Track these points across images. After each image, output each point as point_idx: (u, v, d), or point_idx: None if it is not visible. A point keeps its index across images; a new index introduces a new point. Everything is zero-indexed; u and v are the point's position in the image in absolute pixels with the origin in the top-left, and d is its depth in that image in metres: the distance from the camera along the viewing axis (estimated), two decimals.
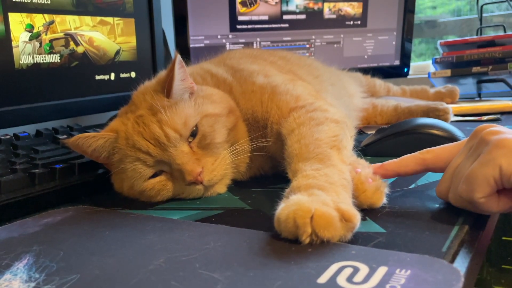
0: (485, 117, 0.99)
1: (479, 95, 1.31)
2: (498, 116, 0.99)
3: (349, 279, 0.32)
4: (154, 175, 0.56)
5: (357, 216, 0.39)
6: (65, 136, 0.70)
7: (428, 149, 0.49)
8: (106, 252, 0.40)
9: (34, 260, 0.40)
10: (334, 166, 0.47)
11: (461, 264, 0.35)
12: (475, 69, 1.22)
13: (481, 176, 0.39)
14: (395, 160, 0.50)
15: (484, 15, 1.46)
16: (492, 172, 0.39)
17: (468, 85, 1.28)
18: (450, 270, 0.33)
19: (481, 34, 1.42)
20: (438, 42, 1.36)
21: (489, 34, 1.42)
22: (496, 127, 0.43)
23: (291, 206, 0.39)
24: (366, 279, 0.32)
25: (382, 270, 0.33)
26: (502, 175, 0.39)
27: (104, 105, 0.85)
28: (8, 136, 0.66)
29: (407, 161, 0.49)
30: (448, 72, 1.26)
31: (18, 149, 0.64)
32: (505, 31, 1.37)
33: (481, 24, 1.44)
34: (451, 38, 1.72)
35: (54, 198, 0.57)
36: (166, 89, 0.56)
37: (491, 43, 1.26)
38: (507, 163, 0.38)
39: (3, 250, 0.42)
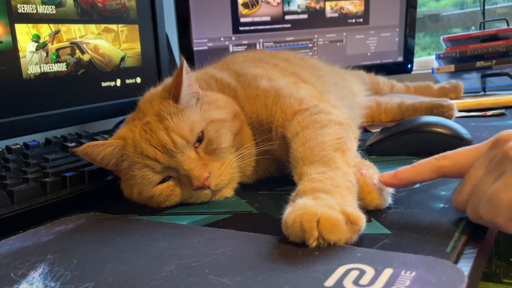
0: (489, 112, 0.99)
1: (484, 90, 1.31)
2: (503, 111, 0.99)
3: (356, 282, 0.33)
4: (162, 181, 0.57)
5: (362, 218, 0.40)
6: (74, 144, 0.71)
7: (444, 154, 0.45)
8: (118, 259, 0.41)
9: (49, 269, 0.41)
10: (339, 169, 0.47)
11: (465, 264, 0.36)
12: (479, 63, 1.22)
13: (505, 200, 0.36)
14: (408, 167, 0.46)
15: (487, 7, 1.45)
16: None
17: (473, 79, 1.28)
18: (454, 271, 0.33)
19: (484, 28, 1.41)
20: (441, 37, 1.36)
21: (493, 27, 1.41)
22: None
23: (298, 210, 0.40)
24: (372, 282, 0.33)
25: (387, 272, 0.34)
26: None
27: (111, 111, 0.87)
28: (19, 146, 0.67)
29: (423, 168, 0.45)
30: (451, 67, 1.26)
31: (28, 158, 0.65)
32: (508, 25, 1.37)
33: (484, 17, 1.43)
34: (455, 32, 1.71)
35: (66, 206, 0.59)
36: (175, 94, 0.57)
37: (494, 37, 1.25)
38: None
39: (18, 260, 0.44)
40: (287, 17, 1.24)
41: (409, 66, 1.37)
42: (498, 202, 0.37)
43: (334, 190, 0.43)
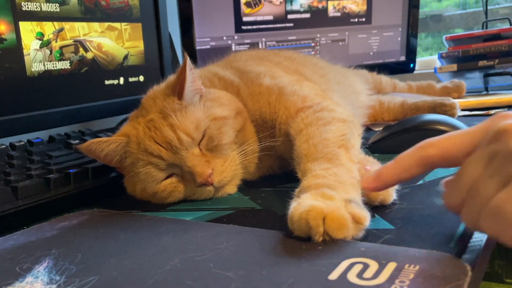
0: (492, 111, 0.99)
1: (486, 89, 1.31)
2: (506, 110, 0.99)
3: (359, 275, 0.33)
4: (165, 178, 0.57)
5: (367, 217, 0.40)
6: (77, 141, 0.71)
7: (430, 141, 0.38)
8: (123, 253, 0.42)
9: (54, 263, 0.41)
10: (343, 165, 0.47)
11: (469, 259, 0.36)
12: (481, 63, 1.22)
13: None
14: (391, 164, 0.39)
15: (489, 7, 1.45)
16: None
17: (475, 79, 1.28)
18: (457, 265, 0.33)
19: (486, 28, 1.41)
20: (444, 36, 1.36)
21: (495, 27, 1.41)
22: None
23: (304, 205, 0.40)
24: (375, 275, 0.33)
25: (391, 266, 0.34)
26: None
27: (114, 109, 0.87)
28: (22, 143, 0.68)
29: (408, 163, 0.39)
30: (454, 67, 1.26)
31: (32, 155, 0.65)
32: (510, 24, 1.37)
33: (486, 17, 1.43)
34: (457, 32, 1.71)
35: (70, 202, 0.59)
36: (178, 91, 0.58)
37: (497, 36, 1.25)
38: None
39: (23, 254, 0.44)
40: (290, 16, 1.24)
41: (411, 65, 1.37)
42: (504, 217, 0.31)
43: (339, 186, 0.44)
